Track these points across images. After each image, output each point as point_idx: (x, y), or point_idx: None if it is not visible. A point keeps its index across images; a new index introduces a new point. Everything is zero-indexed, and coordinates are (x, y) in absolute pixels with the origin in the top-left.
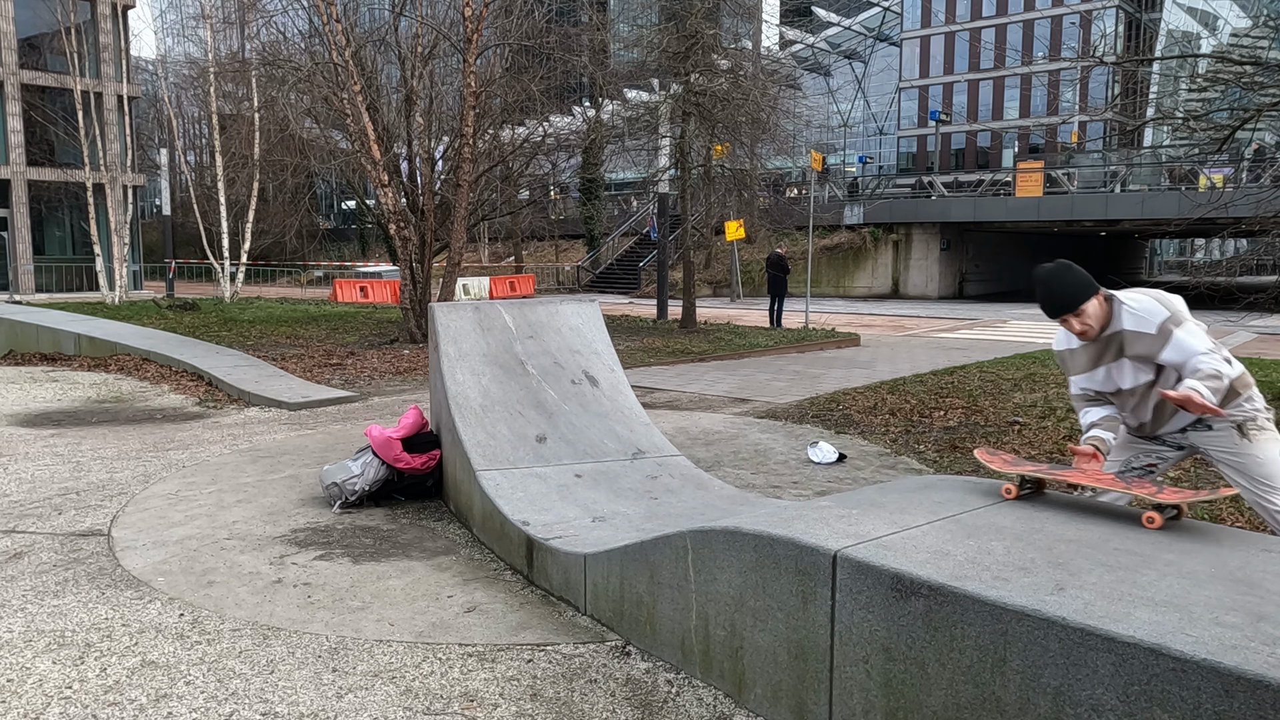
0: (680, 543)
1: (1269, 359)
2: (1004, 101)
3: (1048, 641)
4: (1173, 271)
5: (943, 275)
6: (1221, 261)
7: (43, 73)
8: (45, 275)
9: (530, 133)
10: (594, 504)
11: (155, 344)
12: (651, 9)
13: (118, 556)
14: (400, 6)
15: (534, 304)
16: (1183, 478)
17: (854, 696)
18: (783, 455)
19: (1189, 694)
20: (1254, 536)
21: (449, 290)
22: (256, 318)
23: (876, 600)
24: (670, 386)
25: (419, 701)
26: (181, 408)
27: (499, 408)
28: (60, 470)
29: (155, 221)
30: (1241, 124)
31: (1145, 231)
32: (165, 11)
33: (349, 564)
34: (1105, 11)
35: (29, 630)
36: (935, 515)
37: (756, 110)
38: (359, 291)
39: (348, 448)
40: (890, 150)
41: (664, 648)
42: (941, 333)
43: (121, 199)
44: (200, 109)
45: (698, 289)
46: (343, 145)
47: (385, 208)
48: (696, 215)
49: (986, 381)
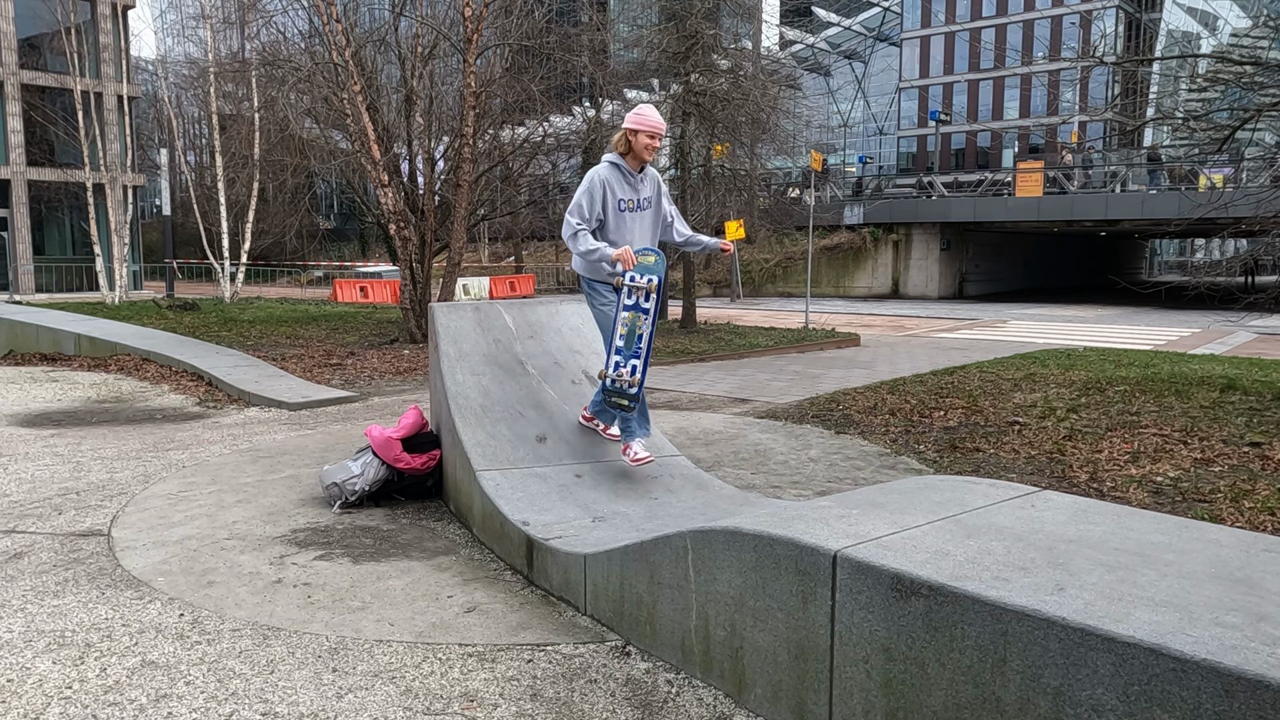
0: (680, 543)
1: (1269, 359)
2: (1004, 101)
3: (1048, 641)
4: (1173, 271)
5: (943, 275)
6: (1221, 261)
7: (43, 73)
8: (45, 275)
9: (530, 133)
10: (594, 504)
11: (155, 344)
12: (651, 9)
13: (118, 556)
14: (400, 6)
15: (534, 304)
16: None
17: (854, 696)
18: (783, 455)
19: (1189, 694)
20: (1254, 537)
21: (449, 290)
22: (256, 318)
23: (876, 600)
24: (670, 386)
25: (419, 701)
26: (181, 408)
27: (499, 408)
28: (60, 470)
29: (155, 221)
30: (1241, 124)
31: (1145, 231)
32: (165, 11)
33: (349, 564)
34: (1105, 11)
35: (29, 630)
36: (935, 515)
37: (756, 110)
38: (359, 291)
39: (348, 448)
40: (890, 150)
41: (664, 648)
42: (941, 333)
43: (121, 199)
44: (200, 109)
45: (698, 289)
46: (343, 145)
47: (385, 208)
48: (696, 215)
49: (986, 381)
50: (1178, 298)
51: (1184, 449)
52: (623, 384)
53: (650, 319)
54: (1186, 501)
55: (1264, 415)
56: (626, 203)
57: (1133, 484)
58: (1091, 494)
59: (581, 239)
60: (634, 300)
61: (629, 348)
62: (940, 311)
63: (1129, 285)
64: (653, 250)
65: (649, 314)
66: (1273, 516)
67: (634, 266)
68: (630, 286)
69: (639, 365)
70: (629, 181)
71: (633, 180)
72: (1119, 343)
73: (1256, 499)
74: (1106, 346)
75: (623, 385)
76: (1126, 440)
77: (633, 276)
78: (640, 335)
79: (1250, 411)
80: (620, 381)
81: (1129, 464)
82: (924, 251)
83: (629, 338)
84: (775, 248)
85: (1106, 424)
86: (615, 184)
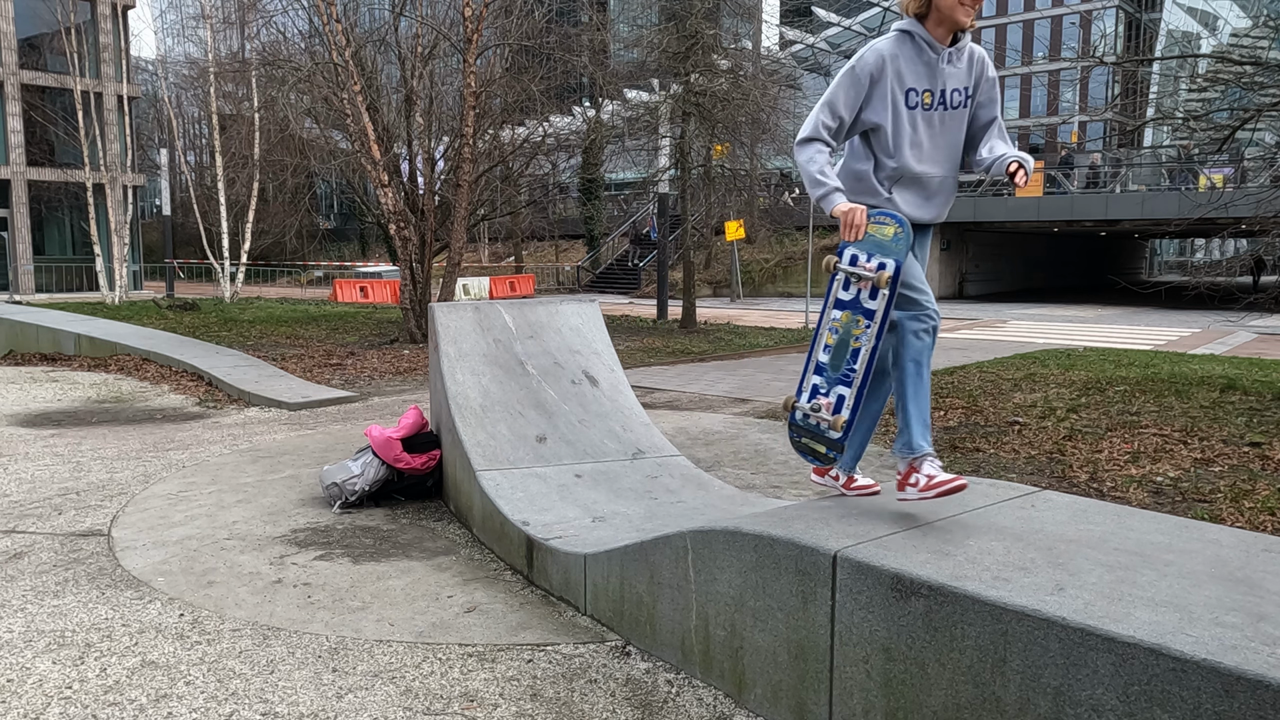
0: (680, 543)
1: (1269, 359)
2: (1004, 101)
3: (1048, 641)
4: (1173, 271)
5: (943, 275)
6: (1221, 262)
7: (43, 73)
8: (45, 275)
9: (530, 133)
10: (594, 504)
11: (155, 344)
12: (651, 9)
13: (118, 556)
14: (400, 6)
15: (534, 304)
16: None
17: (854, 697)
18: (783, 455)
19: (1189, 694)
20: (1254, 537)
21: (449, 290)
22: (256, 318)
23: (876, 600)
24: (670, 386)
25: (419, 701)
26: (181, 408)
27: (499, 408)
28: (60, 470)
29: (155, 221)
30: (1241, 124)
31: (1145, 231)
32: (165, 11)
33: (349, 564)
34: (1105, 11)
35: (29, 630)
36: (935, 515)
37: (756, 110)
38: (359, 291)
39: (348, 448)
40: None
41: (664, 648)
42: (941, 333)
43: (121, 199)
44: (200, 109)
45: (698, 289)
46: (343, 145)
47: (385, 208)
48: (696, 215)
49: (986, 381)
50: (1178, 298)
51: (1184, 449)
52: (820, 421)
53: (875, 328)
54: (1186, 501)
55: (1264, 415)
56: (921, 96)
57: (1133, 484)
58: (1091, 494)
59: (812, 157)
60: (853, 294)
61: (836, 366)
62: (940, 311)
63: (1129, 285)
64: (893, 217)
65: (873, 320)
66: (1273, 516)
67: (861, 238)
68: (849, 272)
69: (848, 396)
70: (926, 61)
71: (934, 59)
72: (1119, 343)
73: (1256, 499)
74: (1106, 346)
75: (819, 423)
76: (1126, 440)
77: (854, 256)
78: (857, 351)
79: (1250, 411)
80: (816, 418)
81: (1129, 464)
82: None
83: (838, 350)
84: (775, 248)
85: (1106, 424)
86: (905, 66)
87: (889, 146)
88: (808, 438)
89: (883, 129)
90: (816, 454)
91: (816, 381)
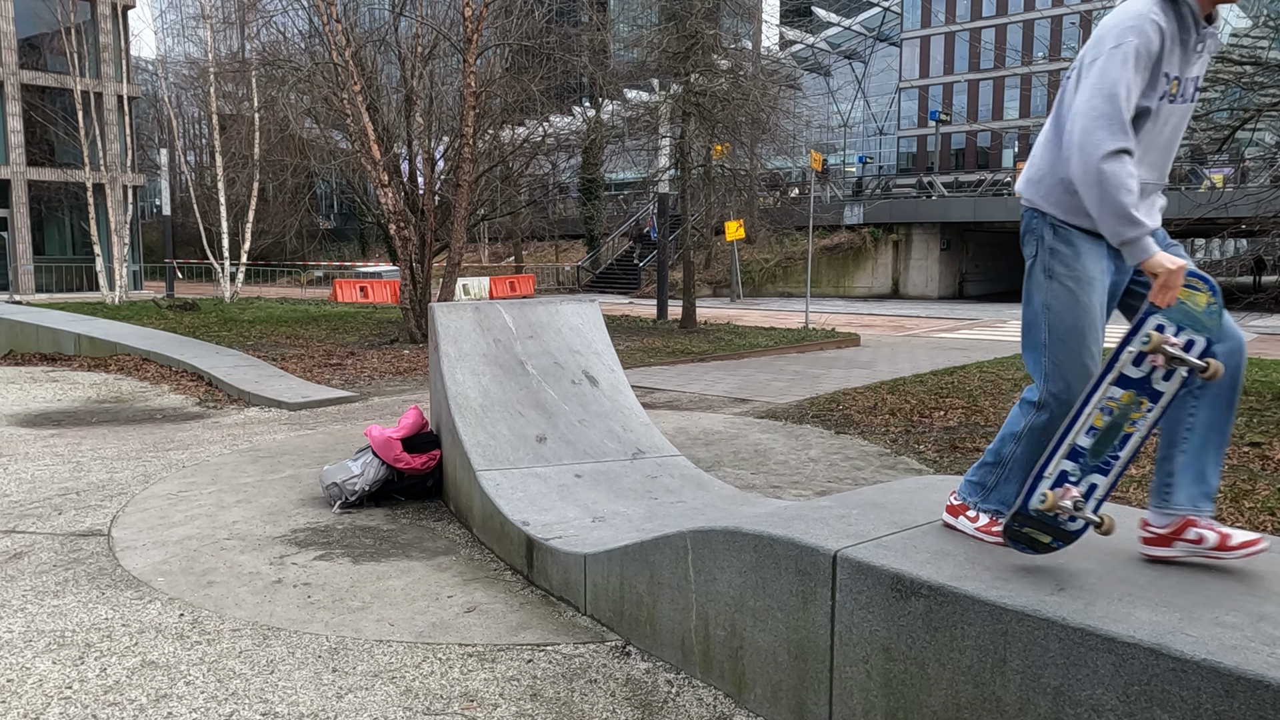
0: (680, 543)
1: (1269, 359)
2: (1004, 101)
3: (1048, 641)
4: None
5: (943, 275)
6: (1222, 262)
7: (43, 73)
8: (45, 275)
9: (530, 133)
10: (594, 504)
11: (155, 344)
12: (651, 9)
13: (118, 556)
14: (400, 6)
15: (534, 304)
16: None
17: (854, 696)
18: (783, 455)
19: (1189, 694)
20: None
21: (449, 290)
22: (256, 318)
23: (876, 600)
24: (670, 386)
25: (419, 701)
26: (181, 408)
27: (499, 408)
28: (60, 470)
29: (155, 221)
30: (1241, 124)
31: None
32: (165, 11)
33: (349, 564)
34: (1105, 12)
35: (29, 630)
36: (935, 515)
37: (756, 110)
38: (359, 291)
39: (348, 448)
40: (890, 150)
41: (664, 648)
42: (941, 333)
43: (121, 199)
44: (200, 109)
45: (698, 289)
46: (343, 145)
47: (385, 208)
48: (696, 215)
49: (986, 381)
50: None
51: None
52: (1060, 512)
53: (1155, 414)
54: None
55: (1264, 415)
56: (1171, 85)
57: (1132, 484)
58: None
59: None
60: (1144, 371)
61: (1098, 454)
62: (940, 311)
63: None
64: (1205, 280)
65: (1157, 404)
66: (1273, 516)
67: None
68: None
69: (1100, 487)
70: (1184, 40)
71: (1190, 40)
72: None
73: (1256, 499)
74: (1106, 346)
75: (1059, 514)
76: None
77: (1160, 326)
78: (1128, 438)
79: (1250, 411)
80: (1057, 509)
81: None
82: (924, 251)
83: (1105, 435)
84: (775, 248)
85: None
86: (1168, 43)
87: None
88: (1033, 527)
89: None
90: (1037, 544)
91: (1067, 467)
